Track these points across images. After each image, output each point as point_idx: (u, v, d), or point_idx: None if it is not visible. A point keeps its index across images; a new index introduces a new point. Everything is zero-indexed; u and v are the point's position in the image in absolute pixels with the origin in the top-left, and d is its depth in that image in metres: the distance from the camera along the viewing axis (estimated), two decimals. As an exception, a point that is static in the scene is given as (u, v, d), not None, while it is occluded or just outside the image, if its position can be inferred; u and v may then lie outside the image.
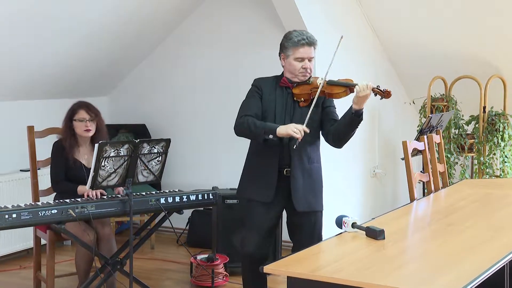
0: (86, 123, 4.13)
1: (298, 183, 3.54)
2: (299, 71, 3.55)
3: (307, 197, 3.57)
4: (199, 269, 4.54)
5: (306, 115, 3.46)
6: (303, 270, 2.49)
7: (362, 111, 3.43)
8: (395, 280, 2.36)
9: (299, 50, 3.53)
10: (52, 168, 4.17)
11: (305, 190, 3.56)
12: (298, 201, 3.54)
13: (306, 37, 3.54)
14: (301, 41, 3.52)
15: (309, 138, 3.53)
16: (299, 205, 3.54)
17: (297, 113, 3.55)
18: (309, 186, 3.58)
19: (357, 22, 5.64)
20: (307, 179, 3.57)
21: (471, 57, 5.54)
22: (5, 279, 4.82)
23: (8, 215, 3.49)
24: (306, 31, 3.63)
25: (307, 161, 3.57)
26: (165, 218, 4.02)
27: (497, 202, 3.85)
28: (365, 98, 3.38)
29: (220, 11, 5.75)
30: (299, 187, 3.54)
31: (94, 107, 4.22)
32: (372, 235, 2.88)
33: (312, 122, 3.49)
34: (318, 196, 3.64)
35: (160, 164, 3.89)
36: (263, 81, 3.65)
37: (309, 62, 3.56)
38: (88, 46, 5.29)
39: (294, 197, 3.53)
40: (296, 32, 3.59)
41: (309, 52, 3.55)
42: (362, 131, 5.76)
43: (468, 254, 2.70)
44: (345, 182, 5.57)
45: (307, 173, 3.57)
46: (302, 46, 3.52)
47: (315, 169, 3.63)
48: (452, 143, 5.58)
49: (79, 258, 4.05)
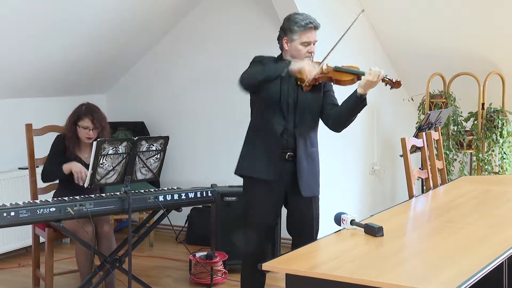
0: (89, 132, 4.12)
1: (303, 168, 3.51)
2: (305, 55, 3.49)
3: (311, 182, 3.57)
4: (198, 267, 4.54)
5: (310, 99, 3.46)
6: (301, 267, 2.49)
7: (366, 96, 3.40)
8: (394, 277, 2.36)
9: (306, 35, 3.47)
10: (48, 156, 4.17)
11: (308, 175, 3.55)
12: (304, 186, 3.52)
13: (313, 20, 3.50)
14: (309, 25, 3.47)
15: (311, 122, 3.53)
16: (305, 190, 3.52)
17: (301, 97, 3.50)
18: (311, 170, 3.57)
19: (356, 20, 5.63)
20: (310, 163, 3.56)
21: (470, 54, 5.54)
22: (3, 277, 4.82)
23: (7, 213, 3.48)
24: (307, 14, 3.56)
25: (309, 145, 3.56)
26: (164, 215, 4.02)
27: (495, 199, 3.85)
28: (373, 84, 3.34)
29: (219, 9, 5.75)
30: (304, 172, 3.52)
31: (101, 115, 4.19)
32: (370, 232, 2.88)
33: (313, 105, 3.48)
34: (318, 181, 3.64)
35: (159, 161, 3.88)
36: (266, 59, 3.57)
37: (314, 46, 3.53)
38: (86, 44, 5.29)
39: (301, 182, 3.51)
40: (299, 15, 3.51)
41: (315, 35, 3.51)
42: (360, 128, 5.77)
43: (467, 251, 2.70)
44: (344, 179, 5.58)
45: (310, 157, 3.56)
46: (309, 30, 3.47)
47: (315, 153, 3.62)
48: (450, 140, 5.58)
49: (79, 254, 4.05)
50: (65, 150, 4.12)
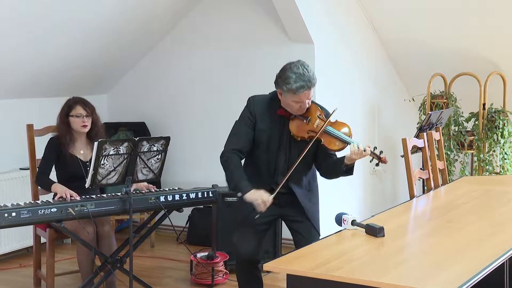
0: (83, 119, 4.13)
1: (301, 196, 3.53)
2: (297, 111, 3.40)
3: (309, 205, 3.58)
4: (199, 267, 4.54)
5: (303, 151, 3.39)
6: (302, 267, 2.49)
7: (352, 166, 3.42)
8: (395, 277, 2.36)
9: (298, 96, 3.32)
10: (41, 160, 4.17)
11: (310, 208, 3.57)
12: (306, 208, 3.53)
13: (306, 81, 3.28)
14: (300, 90, 3.29)
15: (304, 169, 3.51)
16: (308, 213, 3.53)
17: (294, 148, 3.46)
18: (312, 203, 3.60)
19: (357, 20, 5.64)
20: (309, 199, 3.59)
21: (471, 54, 5.54)
22: (5, 277, 4.83)
23: (8, 214, 3.49)
24: (306, 68, 3.32)
25: (305, 187, 3.56)
26: (165, 216, 4.02)
27: (497, 199, 3.84)
28: (358, 158, 3.36)
29: (219, 9, 5.74)
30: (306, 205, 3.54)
31: (90, 103, 4.22)
32: (371, 233, 2.88)
33: (307, 155, 3.43)
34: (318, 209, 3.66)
35: (160, 162, 3.88)
36: (257, 105, 3.47)
37: (308, 100, 3.37)
38: (87, 44, 5.29)
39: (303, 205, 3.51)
40: (293, 74, 3.29)
41: (308, 95, 3.33)
42: (362, 128, 5.77)
43: (468, 251, 2.70)
44: (345, 179, 5.56)
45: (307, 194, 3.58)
46: (302, 93, 3.31)
47: (313, 191, 3.63)
48: (451, 140, 5.58)
49: (80, 255, 4.05)
50: (59, 152, 4.13)
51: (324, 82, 5.25)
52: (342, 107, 5.45)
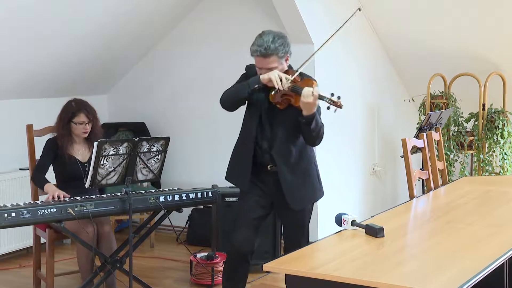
0: (85, 126, 4.13)
1: (287, 181, 3.48)
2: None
3: (299, 195, 3.52)
4: (199, 267, 4.54)
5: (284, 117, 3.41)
6: (302, 268, 2.49)
7: (311, 118, 3.31)
8: (394, 278, 2.36)
9: (256, 60, 3.44)
10: (39, 159, 4.17)
11: (295, 188, 3.50)
12: (291, 199, 3.49)
13: (261, 48, 3.37)
14: (255, 53, 3.40)
15: (289, 138, 3.47)
16: (292, 203, 3.50)
17: (276, 115, 3.46)
18: (300, 183, 3.51)
19: (357, 20, 5.63)
20: (298, 176, 3.51)
21: (471, 55, 5.54)
22: (4, 277, 4.83)
23: (8, 214, 3.49)
24: (270, 36, 3.42)
25: (296, 158, 3.50)
26: (164, 216, 4.02)
27: (496, 200, 3.84)
28: (309, 105, 3.26)
29: (219, 9, 5.74)
30: (288, 185, 3.48)
31: (92, 107, 4.22)
32: (371, 233, 2.87)
33: (290, 122, 3.43)
34: (311, 193, 3.58)
35: (160, 162, 3.88)
36: (252, 70, 3.57)
37: (269, 70, 3.39)
38: (87, 45, 5.29)
39: (287, 196, 3.48)
40: (258, 39, 3.43)
41: (265, 63, 3.39)
42: (361, 128, 5.77)
43: (467, 251, 2.70)
44: (345, 180, 5.58)
45: (298, 170, 3.51)
46: (257, 57, 3.42)
47: (306, 166, 3.55)
48: (451, 141, 5.58)
49: (80, 255, 4.05)
50: (56, 153, 4.13)
51: (324, 82, 5.25)
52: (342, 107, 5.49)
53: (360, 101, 5.75)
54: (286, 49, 3.44)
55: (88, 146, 4.19)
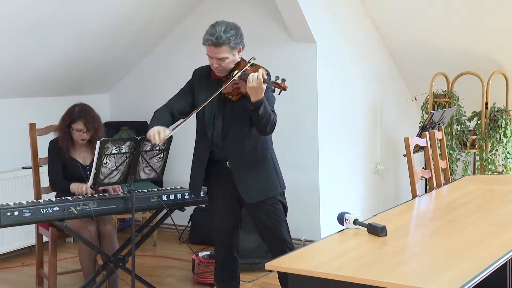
0: (82, 134, 4.13)
1: (240, 174, 3.45)
2: (213, 67, 3.44)
3: (254, 187, 3.46)
4: (201, 266, 4.54)
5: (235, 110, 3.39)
6: (304, 267, 2.49)
7: (259, 104, 3.23)
8: (397, 277, 2.35)
9: (207, 49, 3.40)
10: (49, 167, 4.17)
11: (249, 180, 3.45)
12: (244, 192, 3.45)
13: (211, 35, 3.34)
14: (206, 42, 3.36)
15: (241, 130, 3.43)
16: (246, 196, 3.45)
17: (230, 108, 3.44)
18: (255, 174, 3.46)
19: (359, 19, 5.64)
20: (253, 167, 3.46)
21: (473, 53, 5.53)
22: (7, 276, 4.83)
23: (10, 213, 3.50)
24: (221, 26, 3.37)
25: (249, 150, 3.45)
26: (167, 215, 4.02)
27: (499, 199, 3.84)
28: (254, 89, 3.20)
29: (221, 9, 5.74)
30: (241, 178, 3.45)
31: (94, 116, 4.17)
32: (374, 232, 2.87)
33: (241, 114, 3.39)
34: (265, 183, 3.49)
35: (162, 161, 3.89)
36: (197, 74, 3.58)
37: (221, 61, 3.37)
38: (89, 44, 5.29)
39: (239, 189, 3.44)
40: (210, 28, 3.39)
41: (215, 52, 3.36)
42: (363, 127, 5.77)
43: (470, 251, 2.69)
44: (347, 179, 5.57)
45: (251, 162, 3.46)
46: (208, 47, 3.38)
47: (261, 156, 3.49)
48: (454, 140, 5.57)
49: (82, 254, 4.05)
50: (61, 152, 4.13)
51: (326, 81, 5.25)
52: (344, 106, 5.51)
53: (362, 100, 5.75)
54: (237, 40, 3.41)
55: (91, 149, 4.17)
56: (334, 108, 5.37)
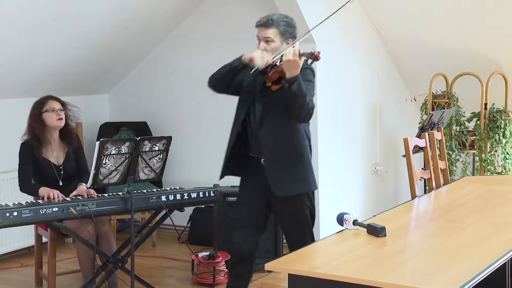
0: (58, 112, 4.12)
1: (272, 167, 3.44)
2: (260, 49, 3.48)
3: (286, 180, 3.46)
4: (200, 267, 4.55)
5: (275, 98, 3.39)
6: (304, 267, 2.49)
7: (294, 80, 3.24)
8: (396, 277, 2.36)
9: (258, 31, 3.52)
10: (19, 167, 4.15)
11: (282, 172, 3.46)
12: (274, 185, 3.44)
13: (265, 17, 3.49)
14: (257, 23, 3.50)
15: (280, 120, 3.43)
16: (276, 188, 3.44)
17: (267, 97, 3.45)
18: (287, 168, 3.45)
19: (359, 19, 5.64)
20: (287, 161, 3.45)
21: (473, 54, 5.53)
22: (6, 276, 4.83)
23: (9, 213, 3.50)
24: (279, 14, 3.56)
25: (284, 143, 3.45)
26: (166, 215, 4.02)
27: (498, 199, 3.84)
28: (291, 64, 3.21)
29: (221, 9, 5.74)
30: (273, 171, 3.44)
31: (64, 102, 4.22)
32: (373, 232, 2.87)
33: (280, 105, 3.38)
34: (299, 178, 3.48)
35: (161, 161, 3.89)
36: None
37: (266, 44, 3.45)
38: (89, 44, 5.29)
39: (271, 181, 3.44)
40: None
41: (263, 32, 3.47)
42: (363, 128, 5.77)
43: (469, 251, 2.69)
44: (346, 179, 5.57)
45: (286, 155, 3.45)
46: (259, 28, 3.50)
47: (295, 151, 3.48)
48: (453, 140, 5.58)
49: (80, 253, 4.05)
50: (34, 153, 4.11)
51: (326, 81, 5.25)
52: (343, 107, 5.50)
53: (362, 100, 5.75)
54: (288, 29, 3.49)
55: (63, 148, 4.18)
56: (333, 109, 5.37)
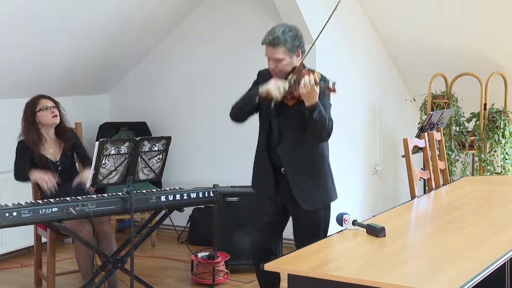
0: (52, 110, 4.14)
1: (295, 182, 3.43)
2: (270, 68, 3.42)
3: (310, 193, 3.46)
4: (200, 267, 4.54)
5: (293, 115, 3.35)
6: (304, 267, 2.49)
7: (313, 108, 3.21)
8: (396, 278, 2.36)
9: (265, 49, 3.40)
10: (15, 162, 4.18)
11: (305, 188, 3.45)
12: (301, 198, 3.43)
13: (269, 34, 3.37)
14: (264, 42, 3.39)
15: (298, 137, 3.42)
16: (304, 203, 3.42)
17: (284, 114, 3.42)
18: (310, 183, 3.46)
19: (358, 20, 5.64)
20: (309, 176, 3.45)
21: (472, 54, 5.53)
22: (6, 277, 4.83)
23: (9, 213, 3.49)
24: (281, 27, 3.40)
25: (304, 159, 3.45)
26: (166, 216, 4.01)
27: (498, 199, 3.84)
28: (311, 94, 3.19)
29: (220, 9, 5.75)
30: (297, 186, 3.43)
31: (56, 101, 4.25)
32: (373, 233, 2.88)
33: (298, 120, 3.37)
34: (323, 190, 3.49)
35: (161, 162, 3.89)
36: (261, 75, 3.55)
37: (277, 62, 3.35)
38: (89, 44, 5.29)
39: (296, 195, 3.42)
40: (271, 28, 3.41)
41: (272, 52, 3.36)
42: (362, 128, 5.77)
43: (469, 251, 2.70)
44: (346, 180, 5.57)
45: (307, 171, 3.45)
46: (266, 46, 3.38)
47: (316, 164, 3.48)
48: (453, 140, 5.58)
49: (79, 253, 4.05)
50: (30, 152, 4.12)
51: (325, 82, 5.25)
52: (343, 107, 5.50)
53: (361, 100, 5.75)
54: (296, 43, 3.39)
55: (59, 144, 4.20)
56: (333, 109, 5.35)
